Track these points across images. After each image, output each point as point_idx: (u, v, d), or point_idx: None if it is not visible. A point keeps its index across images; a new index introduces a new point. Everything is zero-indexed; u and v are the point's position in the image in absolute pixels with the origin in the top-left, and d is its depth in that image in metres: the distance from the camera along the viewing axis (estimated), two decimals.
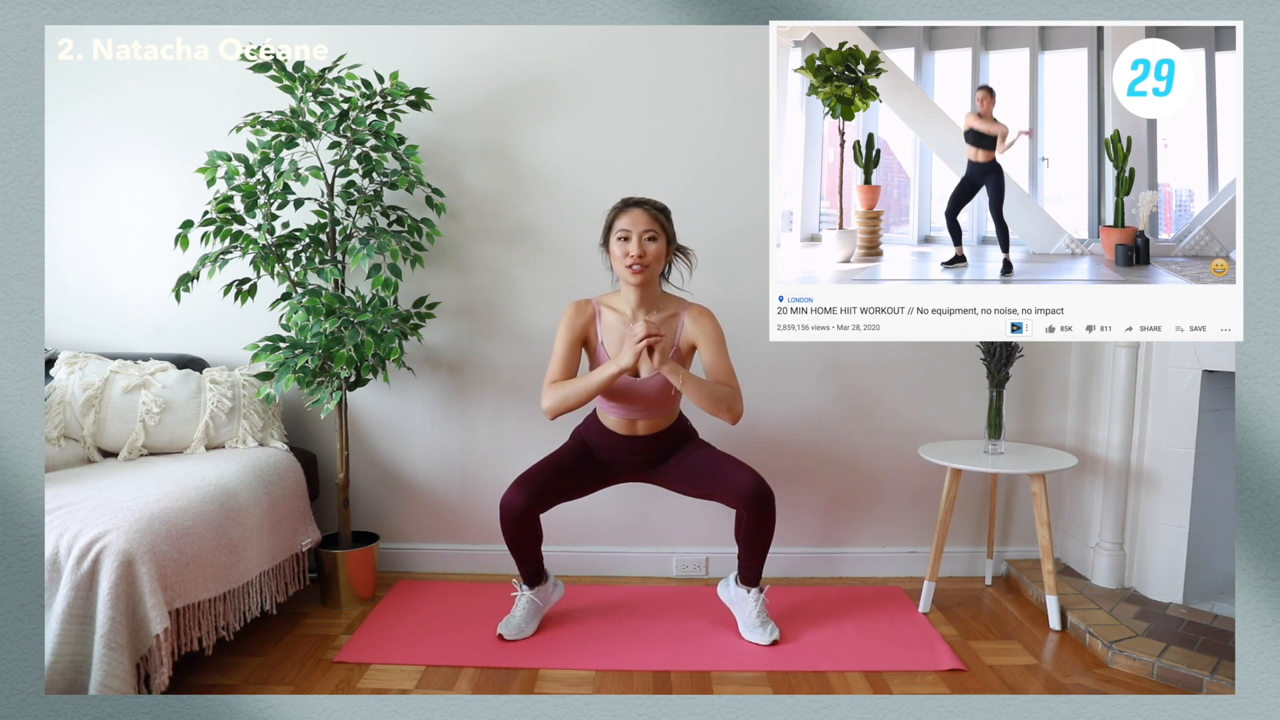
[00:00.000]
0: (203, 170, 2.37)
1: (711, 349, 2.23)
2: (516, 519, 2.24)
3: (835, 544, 2.88)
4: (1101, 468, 2.67)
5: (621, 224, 2.18)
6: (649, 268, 2.18)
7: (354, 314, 2.35)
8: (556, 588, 2.46)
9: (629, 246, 2.16)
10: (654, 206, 2.21)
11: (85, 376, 2.46)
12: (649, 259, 2.17)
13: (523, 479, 2.26)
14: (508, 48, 2.67)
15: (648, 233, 2.17)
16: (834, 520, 2.87)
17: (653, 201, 2.23)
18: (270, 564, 2.31)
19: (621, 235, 2.17)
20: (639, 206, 2.20)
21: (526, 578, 2.38)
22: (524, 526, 2.26)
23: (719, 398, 2.14)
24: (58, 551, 1.74)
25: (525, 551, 2.32)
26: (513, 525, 2.25)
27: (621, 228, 2.18)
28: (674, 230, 2.26)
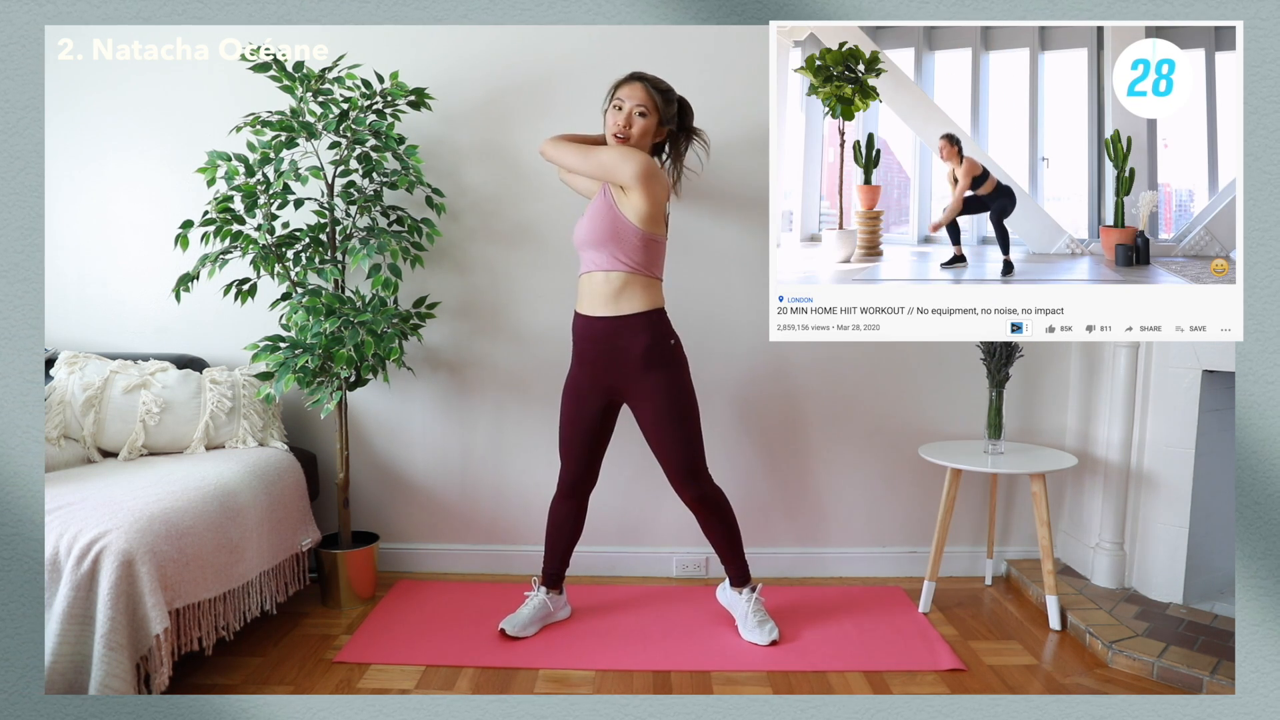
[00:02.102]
0: (203, 170, 2.37)
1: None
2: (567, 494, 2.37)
3: (835, 544, 2.88)
4: (1101, 468, 2.67)
5: (620, 93, 2.20)
6: (632, 139, 2.19)
7: (354, 314, 2.35)
8: (566, 606, 2.47)
9: (619, 116, 2.18)
10: (654, 84, 2.22)
11: (85, 376, 2.46)
12: (633, 131, 2.18)
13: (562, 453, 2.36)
14: (508, 48, 2.67)
15: (639, 107, 2.18)
16: (834, 520, 2.87)
17: (654, 79, 2.23)
18: (270, 564, 2.31)
19: (616, 104, 2.20)
20: (640, 81, 2.21)
21: (546, 577, 2.40)
22: (572, 507, 2.38)
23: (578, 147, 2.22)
24: (58, 551, 1.74)
25: (558, 543, 2.40)
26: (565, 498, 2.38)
27: (619, 97, 2.20)
28: (672, 113, 2.25)
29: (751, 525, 2.64)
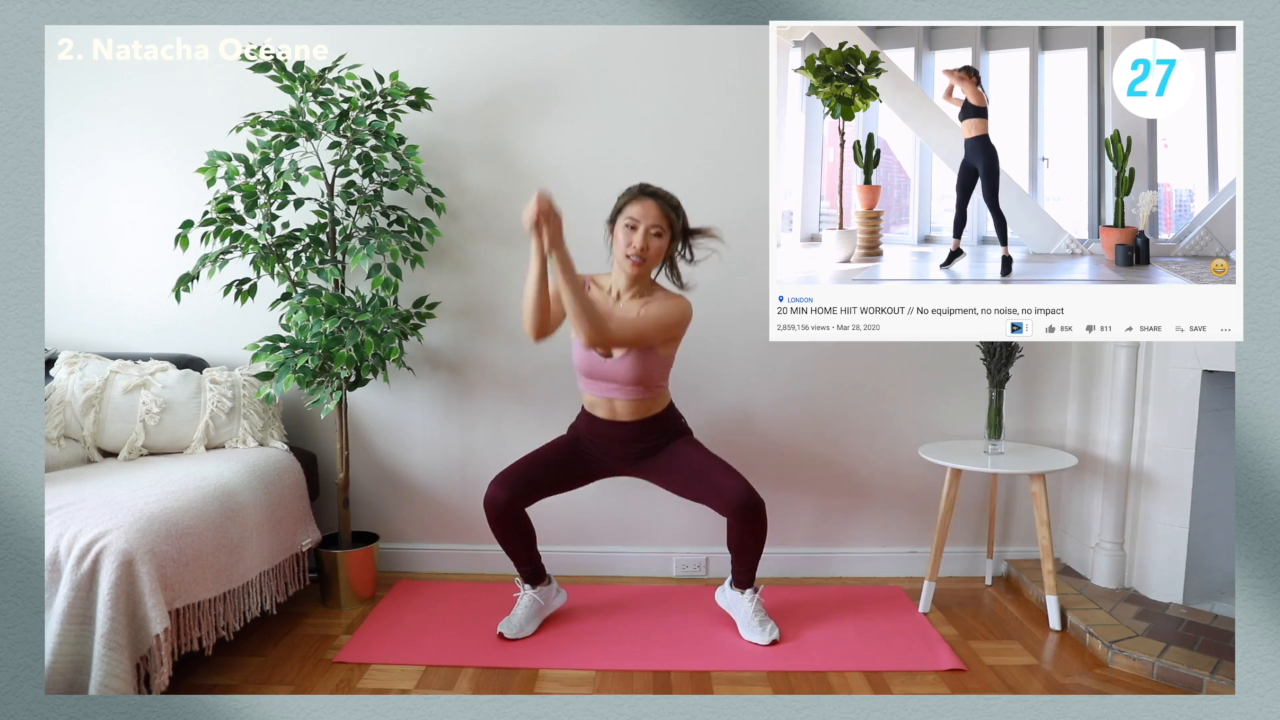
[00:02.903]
0: (203, 170, 2.37)
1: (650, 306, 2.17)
2: (500, 514, 2.25)
3: (835, 544, 2.88)
4: (1101, 468, 2.67)
5: (632, 211, 2.15)
6: (647, 262, 2.16)
7: (354, 314, 2.35)
8: (559, 593, 2.47)
9: (633, 237, 2.13)
10: (668, 202, 2.17)
11: (85, 376, 2.46)
12: (649, 254, 2.15)
13: (503, 474, 2.27)
14: (508, 48, 2.67)
15: (655, 228, 2.14)
16: (834, 520, 2.87)
17: (667, 196, 2.18)
18: (270, 564, 2.31)
19: (629, 223, 2.15)
20: (653, 198, 2.15)
21: (526, 577, 2.38)
22: (510, 522, 2.27)
23: (589, 313, 2.03)
24: (58, 551, 1.74)
25: (518, 549, 2.33)
26: (498, 522, 2.26)
27: (631, 215, 2.14)
28: (681, 227, 2.21)
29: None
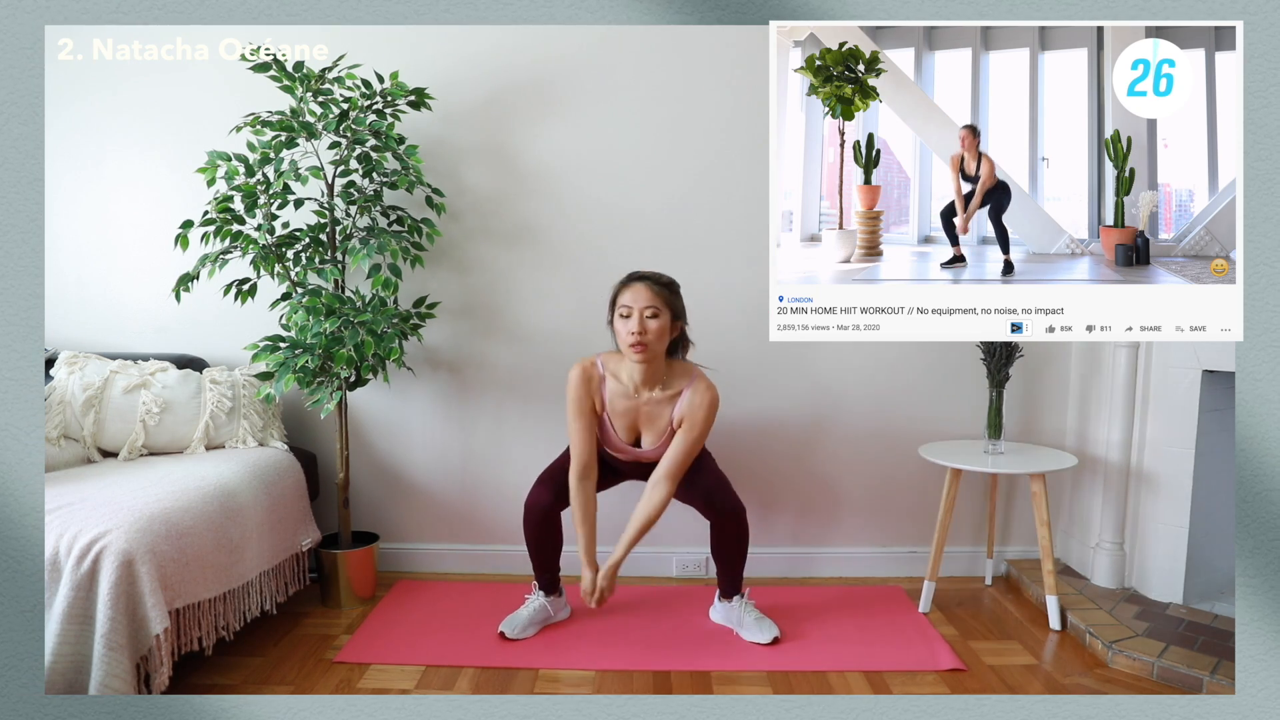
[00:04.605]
0: (203, 170, 2.37)
1: (685, 429, 2.19)
2: (541, 517, 2.27)
3: (835, 544, 2.88)
4: (1101, 468, 2.67)
5: (624, 299, 2.12)
6: (650, 346, 2.10)
7: (354, 314, 2.35)
8: (565, 607, 2.46)
9: (630, 324, 2.10)
10: (657, 281, 2.14)
11: (85, 376, 2.46)
12: (650, 337, 2.09)
13: (546, 475, 2.28)
14: (507, 48, 2.67)
15: (649, 309, 2.09)
16: (834, 520, 2.87)
17: (656, 276, 2.16)
18: (270, 564, 2.31)
19: (623, 312, 2.12)
20: (641, 281, 2.13)
21: (543, 583, 2.39)
22: (548, 526, 2.29)
23: (648, 529, 2.20)
24: (58, 551, 1.74)
25: (547, 555, 2.34)
26: (539, 524, 2.28)
27: (623, 303, 2.12)
28: (681, 305, 2.19)
29: (752, 525, 2.63)
